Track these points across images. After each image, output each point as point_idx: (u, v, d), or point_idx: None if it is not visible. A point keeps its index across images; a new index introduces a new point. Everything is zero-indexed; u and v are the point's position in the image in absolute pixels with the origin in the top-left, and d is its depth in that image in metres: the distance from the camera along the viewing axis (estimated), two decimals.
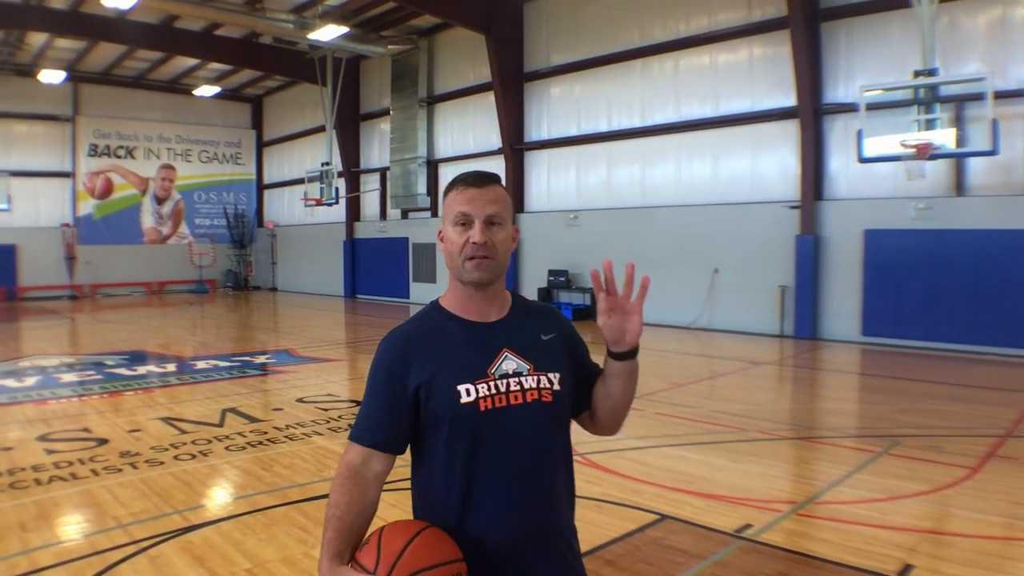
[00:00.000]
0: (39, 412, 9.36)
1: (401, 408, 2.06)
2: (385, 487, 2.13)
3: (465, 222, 2.05)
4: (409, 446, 2.15)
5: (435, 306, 2.19)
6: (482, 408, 2.02)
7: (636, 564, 4.75)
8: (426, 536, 1.94)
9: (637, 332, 2.11)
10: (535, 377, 2.10)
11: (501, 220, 2.07)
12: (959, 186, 14.02)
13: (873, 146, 13.01)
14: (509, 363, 2.09)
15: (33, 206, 29.62)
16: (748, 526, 5.34)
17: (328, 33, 21.54)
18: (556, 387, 2.13)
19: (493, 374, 2.06)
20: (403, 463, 2.18)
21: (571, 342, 2.30)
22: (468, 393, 2.02)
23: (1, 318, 22.70)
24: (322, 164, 26.96)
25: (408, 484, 2.22)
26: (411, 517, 2.15)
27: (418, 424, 2.08)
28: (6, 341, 17.08)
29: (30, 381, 11.54)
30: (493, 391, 2.04)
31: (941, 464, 6.85)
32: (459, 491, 2.03)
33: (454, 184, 2.11)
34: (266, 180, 35.86)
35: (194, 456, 7.25)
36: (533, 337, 2.18)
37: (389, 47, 24.63)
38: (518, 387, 2.07)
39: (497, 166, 22.36)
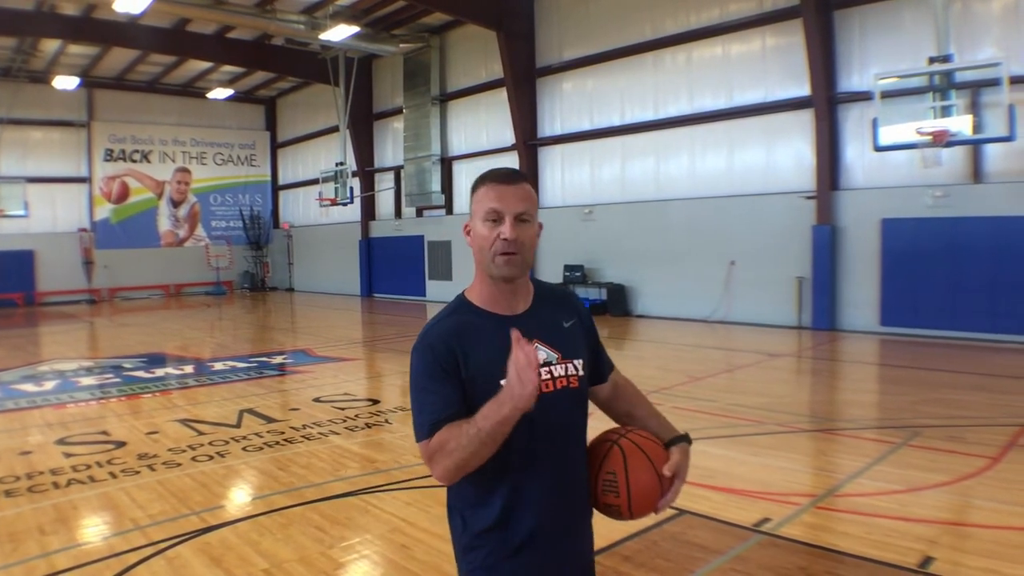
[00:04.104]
0: (58, 416, 9.41)
1: (461, 389, 2.09)
2: (401, 486, 2.12)
3: (496, 218, 2.10)
4: None
5: (463, 301, 2.24)
6: None
7: (654, 560, 4.72)
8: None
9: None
10: (563, 365, 2.21)
11: (529, 217, 2.13)
12: (976, 173, 13.88)
13: (889, 134, 12.88)
14: (540, 353, 2.13)
15: (50, 212, 29.82)
16: (767, 520, 5.30)
17: (339, 33, 21.55)
18: (580, 372, 2.25)
19: None
20: (420, 461, 2.16)
21: (588, 328, 2.40)
22: None
23: (20, 323, 22.90)
24: (336, 164, 26.97)
25: (423, 483, 2.21)
26: (428, 514, 2.16)
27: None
28: (25, 346, 17.19)
29: (49, 385, 11.61)
30: None
31: (962, 455, 6.78)
32: (504, 480, 2.11)
33: (483, 180, 2.17)
34: (281, 181, 35.99)
35: (211, 457, 7.27)
36: (557, 325, 2.27)
37: (401, 46, 24.62)
38: (549, 376, 2.16)
39: (511, 162, 22.34)
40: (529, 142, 21.86)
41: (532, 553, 2.14)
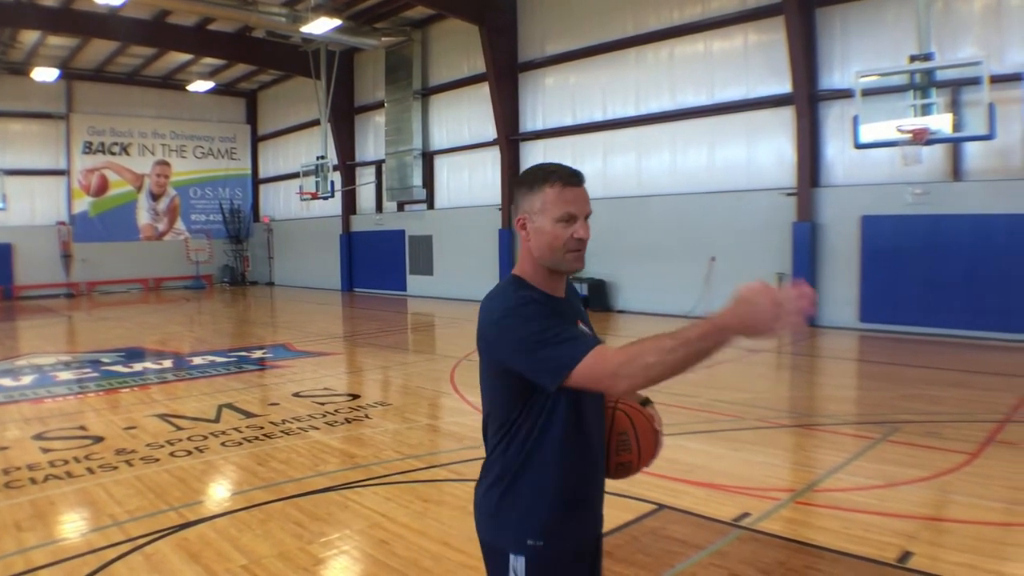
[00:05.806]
0: (35, 411, 9.32)
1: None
2: (381, 481, 2.09)
3: (569, 219, 2.33)
4: (513, 405, 2.27)
5: (523, 281, 2.35)
6: None
7: (634, 555, 4.72)
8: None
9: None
10: None
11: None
12: (956, 171, 13.96)
13: (869, 132, 12.95)
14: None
15: (28, 204, 29.55)
16: (746, 515, 5.32)
17: (321, 26, 21.45)
18: None
19: None
20: (400, 457, 2.14)
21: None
22: None
23: None
24: (317, 158, 26.86)
25: (402, 478, 2.19)
26: (408, 509, 2.15)
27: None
28: (3, 340, 17.04)
29: (26, 380, 11.50)
30: None
31: (940, 450, 6.82)
32: (571, 447, 2.25)
33: (550, 179, 2.37)
34: (261, 175, 35.77)
35: (190, 452, 7.22)
36: (581, 308, 2.51)
37: (382, 39, 24.52)
38: None
39: (492, 157, 22.39)
40: (511, 137, 21.81)
41: (583, 516, 2.35)
